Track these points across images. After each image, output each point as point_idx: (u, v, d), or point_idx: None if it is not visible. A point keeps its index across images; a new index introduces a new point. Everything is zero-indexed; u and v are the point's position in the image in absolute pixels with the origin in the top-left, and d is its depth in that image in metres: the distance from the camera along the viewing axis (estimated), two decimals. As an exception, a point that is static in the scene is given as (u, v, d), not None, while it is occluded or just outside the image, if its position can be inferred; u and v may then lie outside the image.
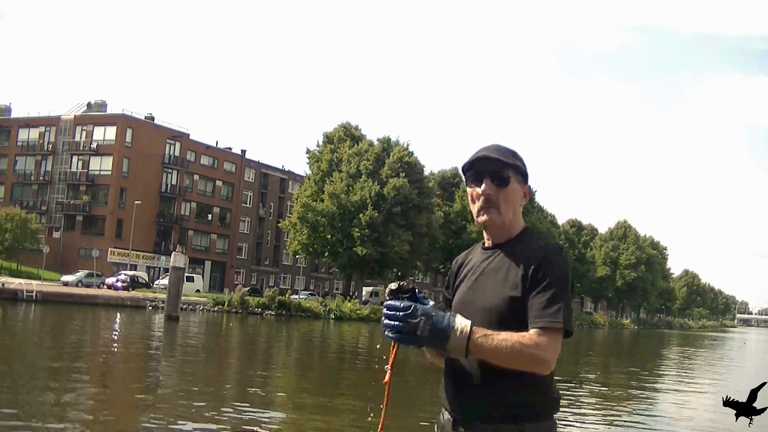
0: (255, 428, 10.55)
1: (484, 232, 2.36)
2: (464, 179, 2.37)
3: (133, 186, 69.86)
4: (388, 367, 2.15)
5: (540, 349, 2.03)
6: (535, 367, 2.05)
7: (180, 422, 10.47)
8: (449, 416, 2.27)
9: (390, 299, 2.08)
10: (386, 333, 2.05)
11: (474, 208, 2.31)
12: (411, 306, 2.02)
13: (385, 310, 2.06)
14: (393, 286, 2.11)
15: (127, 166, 70.63)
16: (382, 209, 58.60)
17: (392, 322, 2.03)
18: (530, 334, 2.06)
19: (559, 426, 2.28)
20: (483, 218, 2.28)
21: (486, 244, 2.36)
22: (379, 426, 2.23)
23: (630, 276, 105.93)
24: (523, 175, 2.31)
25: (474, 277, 2.30)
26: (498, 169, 2.26)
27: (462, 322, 2.04)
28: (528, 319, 2.11)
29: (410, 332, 2.01)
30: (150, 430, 10.03)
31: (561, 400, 2.30)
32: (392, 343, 2.10)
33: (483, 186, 2.26)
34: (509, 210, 2.27)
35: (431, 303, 2.10)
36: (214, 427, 10.47)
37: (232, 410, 11.90)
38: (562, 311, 2.08)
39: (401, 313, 2.02)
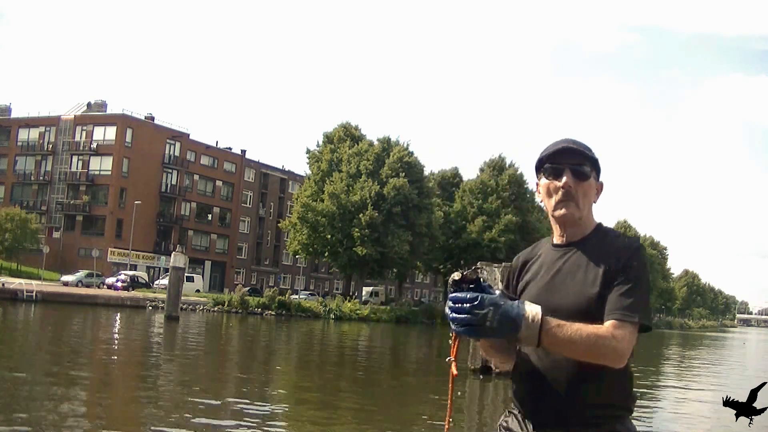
0: (256, 425, 10.56)
1: (556, 227, 2.27)
2: (540, 171, 2.27)
3: (133, 186, 69.86)
4: (452, 359, 2.05)
5: (616, 340, 1.98)
6: (610, 359, 1.99)
7: (181, 420, 10.47)
8: (529, 420, 2.19)
9: (454, 291, 1.96)
10: (453, 327, 1.94)
11: (550, 202, 2.23)
12: (478, 296, 1.91)
13: (450, 303, 1.95)
14: (456, 276, 1.98)
15: (127, 166, 70.64)
16: (382, 209, 58.63)
17: (459, 315, 1.92)
18: (605, 326, 2.01)
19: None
20: (561, 212, 2.20)
21: (557, 241, 2.27)
22: (446, 418, 2.15)
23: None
24: (598, 171, 2.26)
25: (549, 276, 2.21)
26: (580, 162, 2.20)
27: (533, 310, 1.95)
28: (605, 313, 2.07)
29: (479, 324, 1.91)
30: (151, 428, 10.04)
31: None
32: (452, 335, 2.00)
33: (564, 179, 2.18)
34: (586, 205, 2.22)
35: (497, 292, 2.01)
36: (215, 423, 10.49)
37: (232, 408, 11.92)
38: (639, 305, 2.05)
39: (468, 305, 1.91)
